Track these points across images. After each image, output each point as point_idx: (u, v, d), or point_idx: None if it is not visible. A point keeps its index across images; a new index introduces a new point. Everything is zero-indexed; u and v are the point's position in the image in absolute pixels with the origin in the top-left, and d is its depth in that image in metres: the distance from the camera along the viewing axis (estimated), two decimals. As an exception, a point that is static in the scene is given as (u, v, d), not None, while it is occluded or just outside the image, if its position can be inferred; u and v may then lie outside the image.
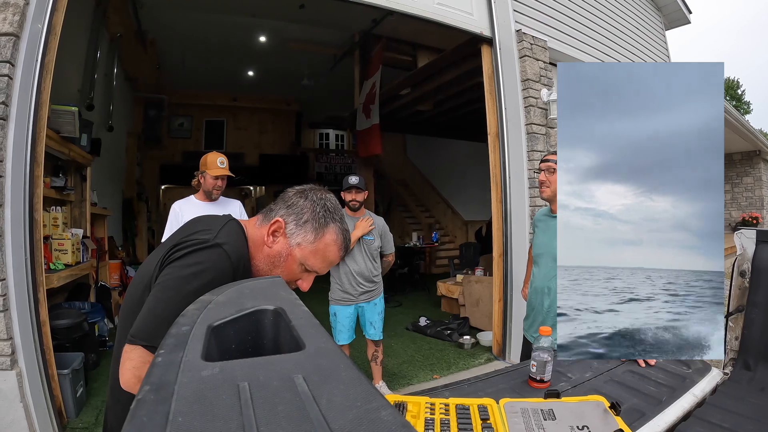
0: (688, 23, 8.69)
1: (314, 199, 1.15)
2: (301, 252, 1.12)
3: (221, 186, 3.23)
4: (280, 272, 1.13)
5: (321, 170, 13.15)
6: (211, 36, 7.62)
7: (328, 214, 1.14)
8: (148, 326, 0.94)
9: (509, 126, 4.61)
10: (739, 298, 1.90)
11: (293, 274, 1.14)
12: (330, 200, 1.18)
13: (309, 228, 1.12)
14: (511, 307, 4.48)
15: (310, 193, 1.17)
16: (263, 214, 1.19)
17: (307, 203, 1.14)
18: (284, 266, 1.13)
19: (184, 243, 1.03)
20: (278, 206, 1.17)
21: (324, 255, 1.14)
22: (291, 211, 1.14)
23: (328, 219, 1.14)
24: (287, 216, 1.13)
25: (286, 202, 1.17)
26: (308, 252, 1.12)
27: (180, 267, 1.00)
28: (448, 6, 4.47)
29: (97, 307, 4.61)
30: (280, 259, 1.12)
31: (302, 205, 1.14)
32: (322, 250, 1.13)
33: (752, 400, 1.47)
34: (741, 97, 29.48)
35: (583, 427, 1.13)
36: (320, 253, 1.13)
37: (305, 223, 1.12)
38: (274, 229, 1.13)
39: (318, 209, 1.14)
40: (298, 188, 1.20)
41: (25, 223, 2.64)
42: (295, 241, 1.12)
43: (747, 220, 13.08)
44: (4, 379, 2.54)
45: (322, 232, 1.13)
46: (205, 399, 0.39)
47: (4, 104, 2.53)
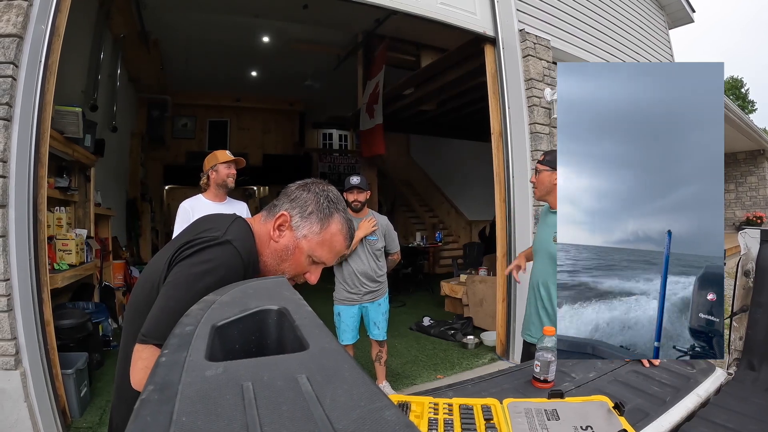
0: (691, 22, 8.65)
1: (317, 191, 1.16)
2: (308, 244, 1.13)
3: (234, 174, 3.24)
4: (288, 266, 1.14)
5: (324, 170, 13.15)
6: (215, 36, 7.63)
7: (332, 205, 1.15)
8: (159, 325, 0.93)
9: (512, 126, 4.61)
10: (743, 298, 1.89)
11: (301, 266, 1.15)
12: (332, 191, 1.19)
13: (314, 219, 1.13)
14: (515, 307, 4.47)
15: (312, 185, 1.18)
16: (267, 210, 1.20)
17: (311, 195, 1.15)
18: (292, 259, 1.14)
19: (194, 241, 1.03)
20: (281, 201, 1.18)
21: (331, 245, 1.15)
22: (295, 204, 1.15)
23: (332, 209, 1.15)
24: (291, 209, 1.14)
25: (289, 196, 1.17)
26: (315, 243, 1.13)
27: (191, 265, 0.99)
28: (451, 6, 4.47)
29: (101, 307, 4.63)
30: (288, 252, 1.13)
31: (305, 198, 1.15)
32: (328, 240, 1.14)
33: (756, 401, 1.46)
34: (745, 96, 29.36)
35: (587, 428, 1.13)
36: (327, 243, 1.14)
37: (310, 214, 1.13)
38: (279, 223, 1.13)
39: (321, 200, 1.15)
40: (299, 182, 1.21)
41: (29, 224, 2.65)
42: (302, 233, 1.13)
43: (751, 219, 13.03)
44: (9, 379, 2.55)
45: (327, 223, 1.14)
46: (208, 399, 0.39)
47: (8, 105, 2.53)
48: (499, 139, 4.65)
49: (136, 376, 0.94)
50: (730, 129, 10.48)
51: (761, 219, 12.94)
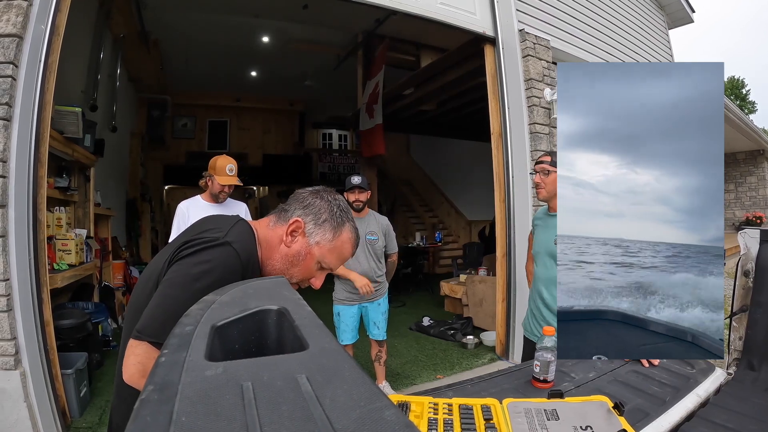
0: (691, 22, 8.65)
1: (329, 199, 1.19)
2: (320, 250, 1.16)
3: (228, 192, 3.25)
4: (297, 270, 1.16)
5: (324, 170, 13.16)
6: (215, 37, 7.63)
7: (343, 214, 1.19)
8: (155, 322, 0.94)
9: (512, 126, 4.61)
10: (743, 298, 1.89)
11: (310, 272, 1.18)
12: (342, 200, 1.23)
13: (328, 227, 1.16)
14: (515, 307, 4.47)
15: (324, 193, 1.21)
16: (276, 215, 1.21)
17: (324, 203, 1.18)
18: (303, 264, 1.16)
19: (194, 240, 1.04)
20: (293, 207, 1.19)
21: (340, 252, 1.18)
22: (309, 211, 1.17)
23: (343, 218, 1.18)
24: (305, 216, 1.16)
25: (301, 202, 1.19)
26: (326, 250, 1.16)
27: (189, 264, 1.00)
28: (451, 6, 4.47)
29: (101, 307, 4.63)
30: (299, 257, 1.15)
31: (319, 205, 1.17)
32: (338, 247, 1.17)
33: (756, 401, 1.47)
34: (746, 97, 29.36)
35: (587, 428, 1.13)
36: (337, 250, 1.18)
37: (324, 222, 1.16)
38: (293, 229, 1.15)
39: (335, 209, 1.18)
40: (310, 189, 1.23)
41: (29, 224, 2.65)
42: (314, 239, 1.15)
43: (751, 219, 13.04)
44: (8, 379, 2.55)
45: (340, 231, 1.17)
46: (208, 399, 0.39)
47: (7, 105, 2.53)
48: (498, 140, 4.65)
49: (128, 370, 0.95)
50: (730, 129, 10.49)
51: (761, 219, 12.95)
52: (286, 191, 12.02)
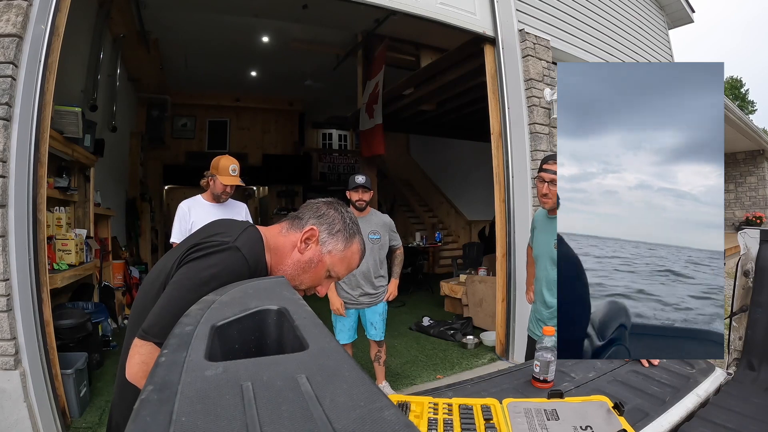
0: (691, 22, 8.65)
1: (342, 211, 1.24)
2: (331, 259, 1.19)
3: (230, 192, 3.25)
4: (307, 277, 1.19)
5: (324, 170, 13.17)
6: (214, 36, 7.62)
7: (354, 226, 1.24)
8: (160, 323, 0.95)
9: (512, 126, 4.61)
10: (743, 298, 1.89)
11: (319, 279, 1.21)
12: (352, 214, 1.28)
13: (340, 237, 1.20)
14: (515, 307, 4.47)
15: (338, 205, 1.26)
16: (289, 222, 1.24)
17: (338, 214, 1.22)
18: (313, 272, 1.19)
19: (203, 244, 1.05)
20: (307, 215, 1.22)
21: (349, 262, 1.22)
22: (323, 221, 1.20)
23: (354, 230, 1.23)
24: (319, 225, 1.20)
25: (316, 211, 1.23)
26: (337, 259, 1.20)
27: (197, 267, 1.02)
28: (450, 6, 4.47)
29: (101, 307, 4.63)
30: (311, 265, 1.18)
31: (333, 216, 1.21)
32: (348, 258, 1.22)
33: (756, 401, 1.47)
34: (745, 96, 29.37)
35: (587, 428, 1.13)
36: (347, 260, 1.22)
37: (338, 232, 1.20)
38: (307, 236, 1.18)
39: (347, 221, 1.22)
40: (323, 200, 1.27)
41: (28, 224, 2.65)
42: (327, 248, 1.19)
43: (751, 219, 13.04)
44: (8, 379, 2.55)
45: (351, 242, 1.21)
46: (208, 399, 0.39)
47: (7, 105, 2.53)
48: (498, 140, 4.65)
49: (131, 369, 0.97)
50: (730, 129, 10.48)
51: (761, 219, 12.95)
52: (286, 191, 12.03)
